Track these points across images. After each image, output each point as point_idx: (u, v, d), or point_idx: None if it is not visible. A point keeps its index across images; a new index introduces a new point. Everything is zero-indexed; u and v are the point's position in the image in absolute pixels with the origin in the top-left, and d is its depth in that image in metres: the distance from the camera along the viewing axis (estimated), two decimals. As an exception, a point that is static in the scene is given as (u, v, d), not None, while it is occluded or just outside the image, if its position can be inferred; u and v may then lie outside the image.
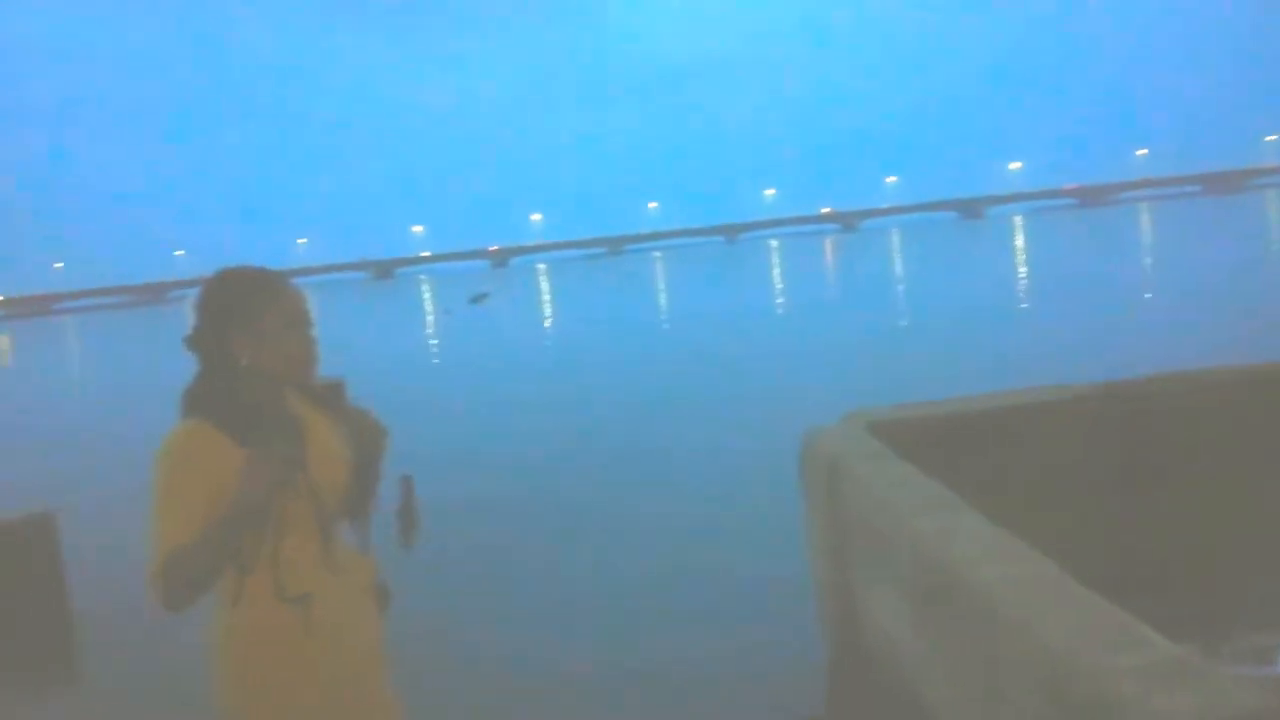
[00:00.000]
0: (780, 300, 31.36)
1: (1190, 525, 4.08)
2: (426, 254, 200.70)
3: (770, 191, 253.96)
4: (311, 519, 1.97)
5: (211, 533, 1.82)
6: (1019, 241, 55.80)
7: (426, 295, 64.87)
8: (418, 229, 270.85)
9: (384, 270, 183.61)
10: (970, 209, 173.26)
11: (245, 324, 1.96)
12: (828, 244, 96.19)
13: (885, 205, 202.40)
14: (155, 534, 1.83)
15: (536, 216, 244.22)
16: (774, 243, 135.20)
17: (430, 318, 39.88)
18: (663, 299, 38.39)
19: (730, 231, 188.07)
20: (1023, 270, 33.02)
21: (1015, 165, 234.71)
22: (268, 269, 2.07)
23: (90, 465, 11.56)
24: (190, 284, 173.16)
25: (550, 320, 32.81)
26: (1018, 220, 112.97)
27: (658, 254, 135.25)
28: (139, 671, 5.19)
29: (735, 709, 4.22)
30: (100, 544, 6.91)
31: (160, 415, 2.13)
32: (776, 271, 51.89)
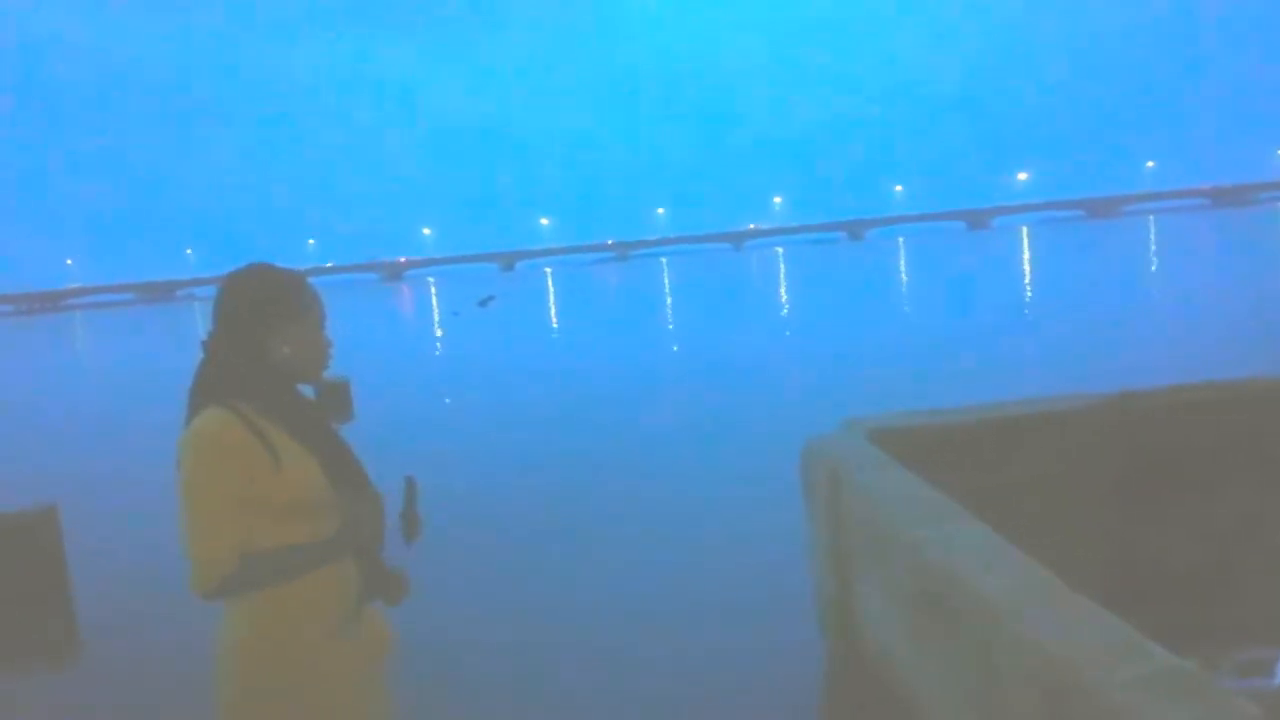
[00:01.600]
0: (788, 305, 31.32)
1: (1194, 539, 4.06)
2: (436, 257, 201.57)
3: (778, 200, 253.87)
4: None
5: (300, 558, 1.91)
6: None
7: (434, 297, 64.90)
8: (427, 231, 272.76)
9: (393, 272, 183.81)
10: (975, 219, 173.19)
11: (290, 318, 2.00)
12: (829, 252, 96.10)
13: (892, 215, 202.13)
14: (209, 528, 1.84)
15: (545, 220, 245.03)
16: (779, 249, 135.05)
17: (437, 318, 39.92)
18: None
19: (736, 239, 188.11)
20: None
21: (1023, 175, 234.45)
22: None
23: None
24: (199, 283, 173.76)
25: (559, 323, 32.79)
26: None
27: (664, 259, 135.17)
28: (136, 656, 5.31)
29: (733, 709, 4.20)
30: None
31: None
32: (783, 275, 51.86)
